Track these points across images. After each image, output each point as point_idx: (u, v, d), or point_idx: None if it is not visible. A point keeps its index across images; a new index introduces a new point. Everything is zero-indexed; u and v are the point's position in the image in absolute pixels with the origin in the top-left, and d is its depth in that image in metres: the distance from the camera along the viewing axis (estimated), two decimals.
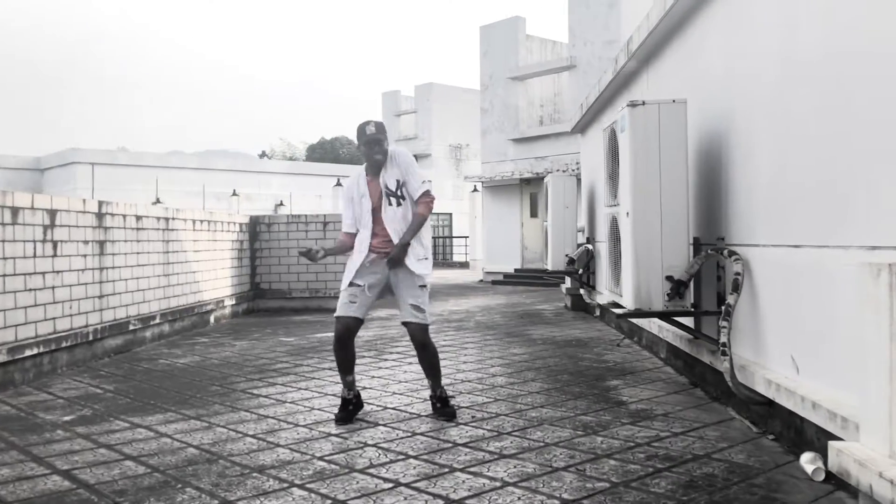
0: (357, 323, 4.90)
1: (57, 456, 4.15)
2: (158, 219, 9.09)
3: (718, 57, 5.23)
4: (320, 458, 4.02)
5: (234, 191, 33.26)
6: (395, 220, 4.86)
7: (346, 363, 4.91)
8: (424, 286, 4.90)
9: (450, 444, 4.24)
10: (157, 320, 8.89)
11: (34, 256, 6.54)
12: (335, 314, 4.92)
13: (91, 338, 7.37)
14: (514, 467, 3.78)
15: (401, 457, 4.01)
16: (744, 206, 4.75)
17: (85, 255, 7.38)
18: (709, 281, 5.29)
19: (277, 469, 3.84)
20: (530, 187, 20.64)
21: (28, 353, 6.32)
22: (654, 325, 7.00)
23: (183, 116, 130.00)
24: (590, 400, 5.33)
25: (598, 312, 10.62)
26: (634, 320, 7.87)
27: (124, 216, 8.22)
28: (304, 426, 4.74)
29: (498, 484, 3.53)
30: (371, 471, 3.78)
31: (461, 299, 15.11)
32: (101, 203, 7.74)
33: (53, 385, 6.28)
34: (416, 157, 29.06)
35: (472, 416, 4.88)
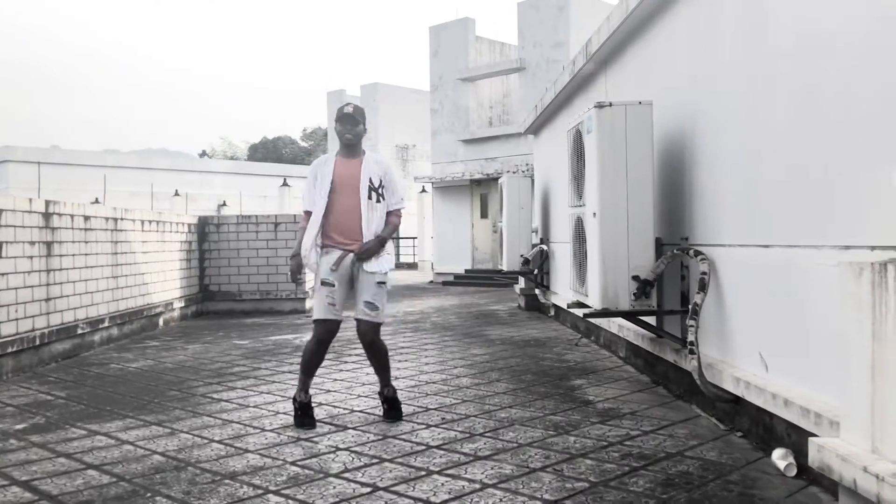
0: (338, 325, 4.86)
1: (13, 466, 3.97)
2: (107, 219, 8.82)
3: (683, 58, 5.31)
4: (292, 464, 3.93)
5: (177, 191, 32.58)
6: (373, 218, 4.82)
7: (315, 367, 4.85)
8: (384, 283, 4.87)
9: (423, 447, 4.19)
10: (106, 324, 8.62)
11: None
12: (315, 317, 4.81)
13: (38, 342, 7.11)
14: (492, 469, 3.76)
15: (375, 460, 3.96)
16: (709, 207, 4.82)
17: (31, 257, 7.10)
18: (672, 281, 5.36)
19: (250, 475, 3.75)
20: (480, 188, 20.70)
21: None
22: (613, 325, 7.07)
23: (118, 114, 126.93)
24: (557, 400, 5.35)
25: (552, 312, 10.69)
26: (593, 320, 7.93)
27: (72, 216, 7.95)
28: (271, 431, 4.64)
29: (478, 486, 3.51)
30: (346, 475, 3.71)
31: (415, 300, 15.06)
32: (48, 203, 7.47)
33: (0, 392, 6.02)
34: None
35: (443, 418, 4.84)
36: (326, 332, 4.80)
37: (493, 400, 5.37)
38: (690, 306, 4.66)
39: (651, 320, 5.66)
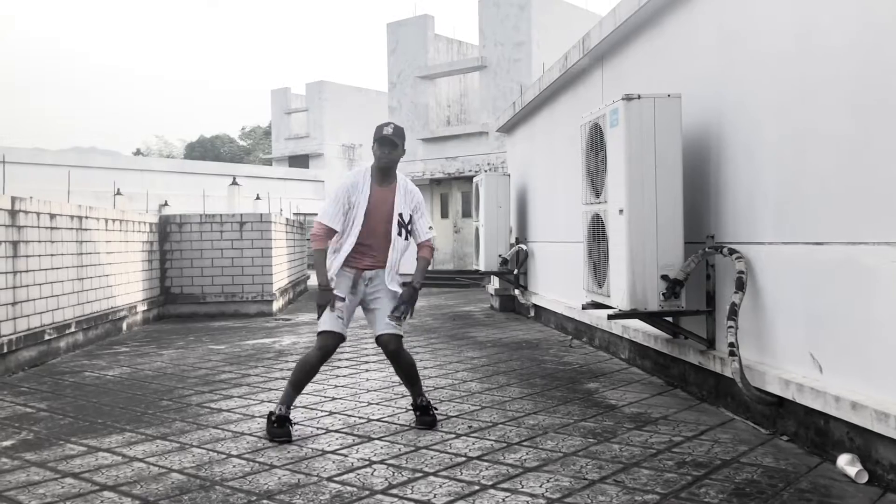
0: (342, 340, 4.62)
1: (17, 489, 3.57)
2: (72, 217, 8.29)
3: (708, 47, 5.15)
4: (329, 480, 3.63)
5: (119, 190, 31.43)
6: (396, 251, 4.68)
7: (308, 381, 4.64)
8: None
9: (462, 458, 3.94)
10: (73, 329, 8.09)
11: None
12: (323, 328, 4.52)
13: (5, 350, 6.59)
14: (549, 481, 3.52)
15: (418, 474, 3.68)
16: (742, 203, 4.68)
17: None
18: (695, 280, 5.21)
19: (288, 494, 3.43)
20: (440, 188, 20.47)
21: None
22: (614, 325, 6.91)
23: (43, 112, 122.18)
24: (579, 404, 5.14)
25: (532, 313, 10.52)
26: (587, 320, 7.78)
27: (38, 214, 7.42)
28: (290, 443, 4.31)
29: (543, 502, 3.27)
30: (395, 492, 3.43)
31: None
32: (13, 199, 6.94)
33: None
34: (307, 156, 28.56)
35: (470, 426, 4.59)
36: (332, 343, 4.55)
37: (513, 406, 5.13)
38: (728, 306, 4.49)
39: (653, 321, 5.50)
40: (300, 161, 44.04)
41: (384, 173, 4.68)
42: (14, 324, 6.85)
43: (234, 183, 27.56)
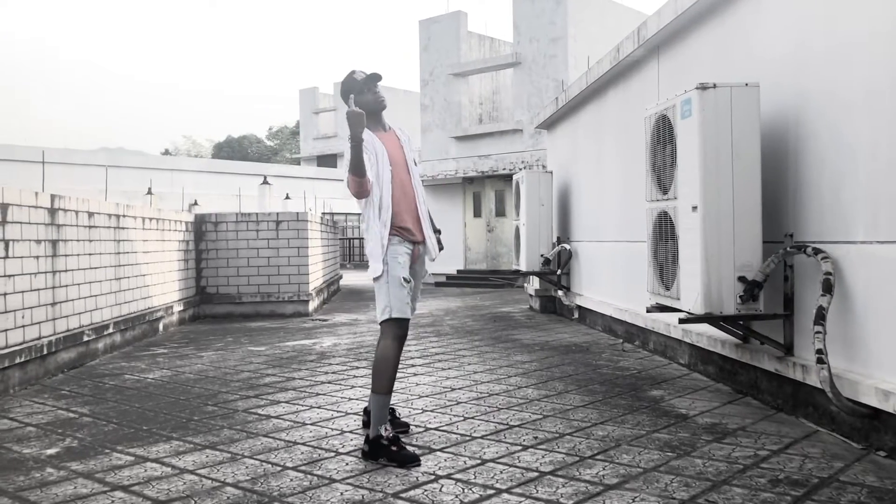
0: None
1: (66, 503, 3.36)
2: (110, 216, 8.12)
3: (787, 33, 4.82)
4: (396, 496, 3.37)
5: (150, 189, 31.53)
6: (423, 201, 4.34)
7: (395, 378, 4.12)
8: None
9: (535, 473, 3.66)
10: (111, 330, 7.93)
11: None
12: (396, 315, 4.03)
13: (45, 351, 6.42)
14: (634, 501, 3.24)
15: (491, 491, 3.41)
16: (828, 199, 4.35)
17: (37, 257, 6.41)
18: (771, 281, 4.88)
19: None
20: (473, 186, 20.18)
21: None
22: (672, 329, 6.60)
23: (71, 118, 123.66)
24: (647, 414, 4.85)
25: (576, 315, 10.21)
26: (640, 322, 7.47)
27: (77, 212, 7.25)
28: (346, 454, 4.06)
29: None
30: None
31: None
32: (53, 197, 6.78)
33: (12, 409, 5.35)
34: (335, 155, 28.43)
35: (535, 437, 4.31)
36: (406, 331, 4.14)
37: (577, 415, 4.85)
38: (815, 310, 4.18)
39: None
40: (328, 161, 44.00)
41: (380, 119, 4.33)
42: (54, 325, 6.68)
43: (266, 182, 27.51)
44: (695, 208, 4.64)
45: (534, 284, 11.75)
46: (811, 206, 4.53)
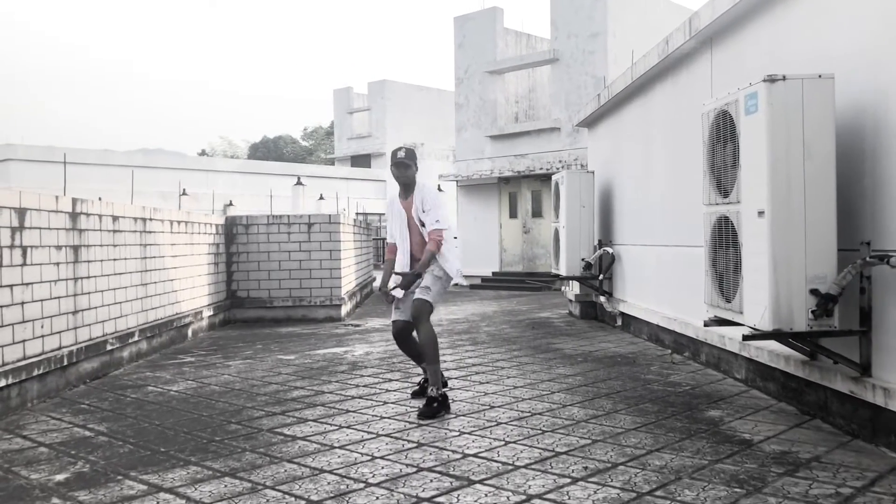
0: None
1: None
2: (135, 220, 7.87)
3: (863, 22, 4.34)
4: None
5: (184, 190, 31.56)
6: (422, 244, 5.54)
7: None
8: (440, 277, 5.46)
9: None
10: (136, 337, 7.67)
11: (0, 266, 5.33)
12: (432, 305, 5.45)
13: (65, 362, 6.16)
14: None
15: None
16: None
17: (58, 264, 6.15)
18: (846, 294, 4.41)
19: None
20: (509, 186, 19.74)
21: None
22: (726, 341, 6.13)
23: (109, 119, 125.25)
24: (707, 439, 4.40)
25: (619, 322, 9.74)
26: (690, 333, 7.01)
27: (100, 216, 6.99)
28: (377, 485, 3.70)
29: None
30: None
31: (451, 305, 14.09)
32: (74, 201, 6.52)
33: (27, 425, 5.08)
34: (369, 156, 28.38)
35: (586, 468, 3.90)
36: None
37: (629, 440, 4.42)
38: None
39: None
40: (362, 161, 43.80)
41: (405, 189, 5.58)
42: (75, 334, 6.42)
43: (299, 183, 27.36)
44: (761, 213, 4.19)
45: (573, 289, 11.29)
46: (892, 211, 4.06)
